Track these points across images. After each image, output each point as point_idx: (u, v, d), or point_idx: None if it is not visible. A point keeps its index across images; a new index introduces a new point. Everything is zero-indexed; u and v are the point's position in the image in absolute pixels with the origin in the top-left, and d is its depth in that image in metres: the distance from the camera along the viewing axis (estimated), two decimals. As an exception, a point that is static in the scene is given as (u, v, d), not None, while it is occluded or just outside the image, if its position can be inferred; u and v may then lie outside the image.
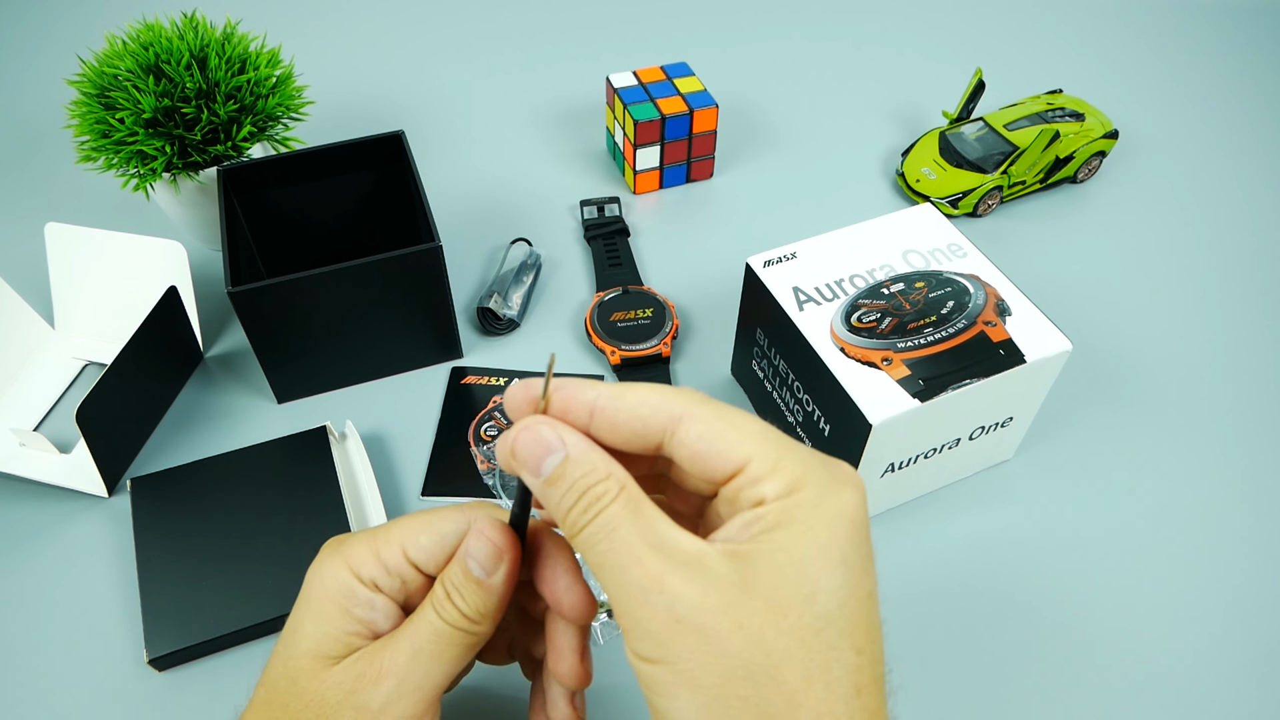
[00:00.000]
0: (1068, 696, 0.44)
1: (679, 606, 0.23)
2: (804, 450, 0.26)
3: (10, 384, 0.57)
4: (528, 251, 0.65)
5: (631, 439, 0.26)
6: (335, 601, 0.28)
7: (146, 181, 0.57)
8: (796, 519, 0.24)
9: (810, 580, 0.24)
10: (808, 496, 0.24)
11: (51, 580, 0.48)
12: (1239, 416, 0.57)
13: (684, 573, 0.24)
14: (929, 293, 0.48)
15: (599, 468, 0.25)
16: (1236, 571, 0.49)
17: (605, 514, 0.25)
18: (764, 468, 0.25)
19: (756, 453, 0.25)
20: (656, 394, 0.26)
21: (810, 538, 0.24)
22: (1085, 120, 0.72)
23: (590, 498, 0.25)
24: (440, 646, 0.27)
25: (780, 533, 0.24)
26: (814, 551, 0.24)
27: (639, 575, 0.24)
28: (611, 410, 0.26)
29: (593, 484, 0.25)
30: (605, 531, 0.25)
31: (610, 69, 0.85)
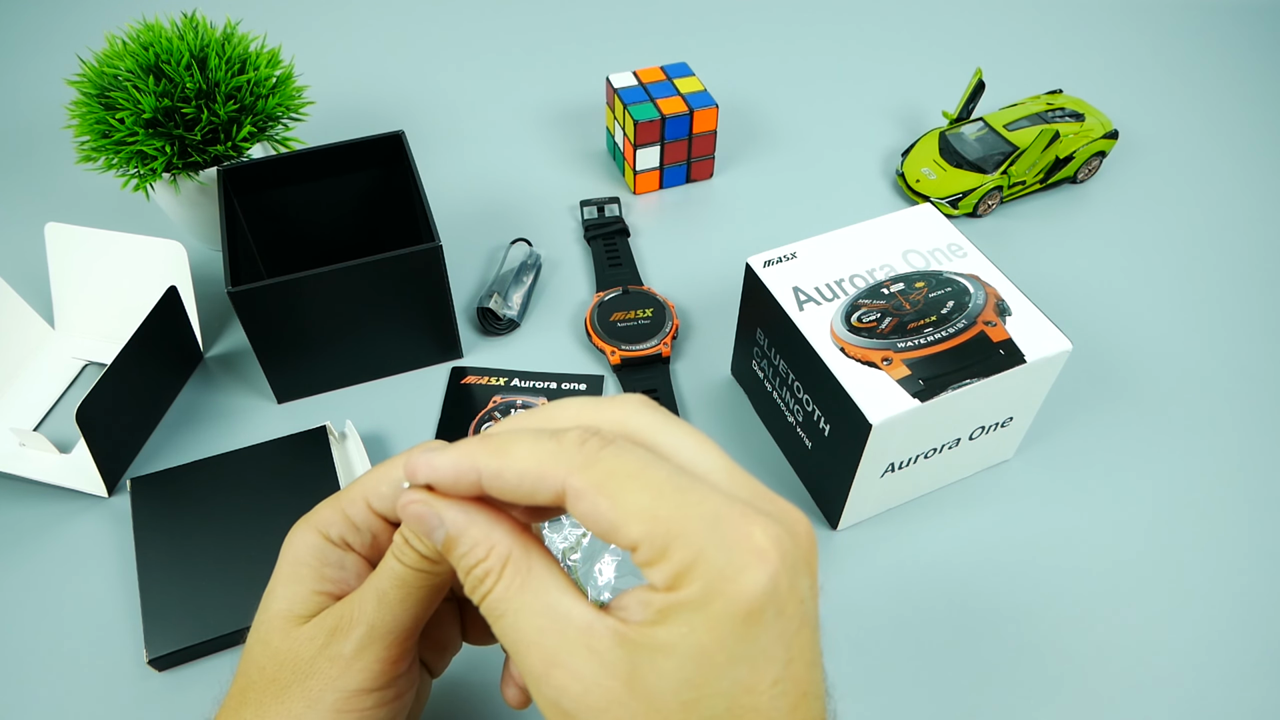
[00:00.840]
0: (1068, 696, 0.44)
1: (564, 700, 0.23)
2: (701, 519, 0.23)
3: (10, 384, 0.57)
4: (528, 251, 0.65)
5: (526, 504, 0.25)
6: (306, 564, 0.28)
7: (146, 181, 0.57)
8: (680, 619, 0.22)
9: (692, 687, 0.22)
10: (692, 594, 0.22)
11: (51, 580, 0.48)
12: (1239, 416, 0.57)
13: (569, 662, 0.23)
14: (929, 293, 0.48)
15: (479, 544, 0.25)
16: (1236, 571, 0.49)
17: (491, 597, 0.24)
18: (649, 553, 0.23)
19: (640, 535, 0.23)
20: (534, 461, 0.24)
21: (691, 640, 0.22)
22: (1085, 120, 0.72)
23: (474, 579, 0.25)
24: (404, 590, 0.27)
25: (663, 631, 0.23)
26: (695, 656, 0.22)
27: (530, 661, 0.24)
28: (498, 481, 0.24)
29: (473, 565, 0.25)
30: (495, 615, 0.24)
31: (610, 69, 0.85)
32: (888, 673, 0.45)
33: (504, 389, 0.57)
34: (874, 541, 0.50)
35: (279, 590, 0.28)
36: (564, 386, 0.57)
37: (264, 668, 0.28)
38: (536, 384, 0.57)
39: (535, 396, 0.56)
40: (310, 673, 0.27)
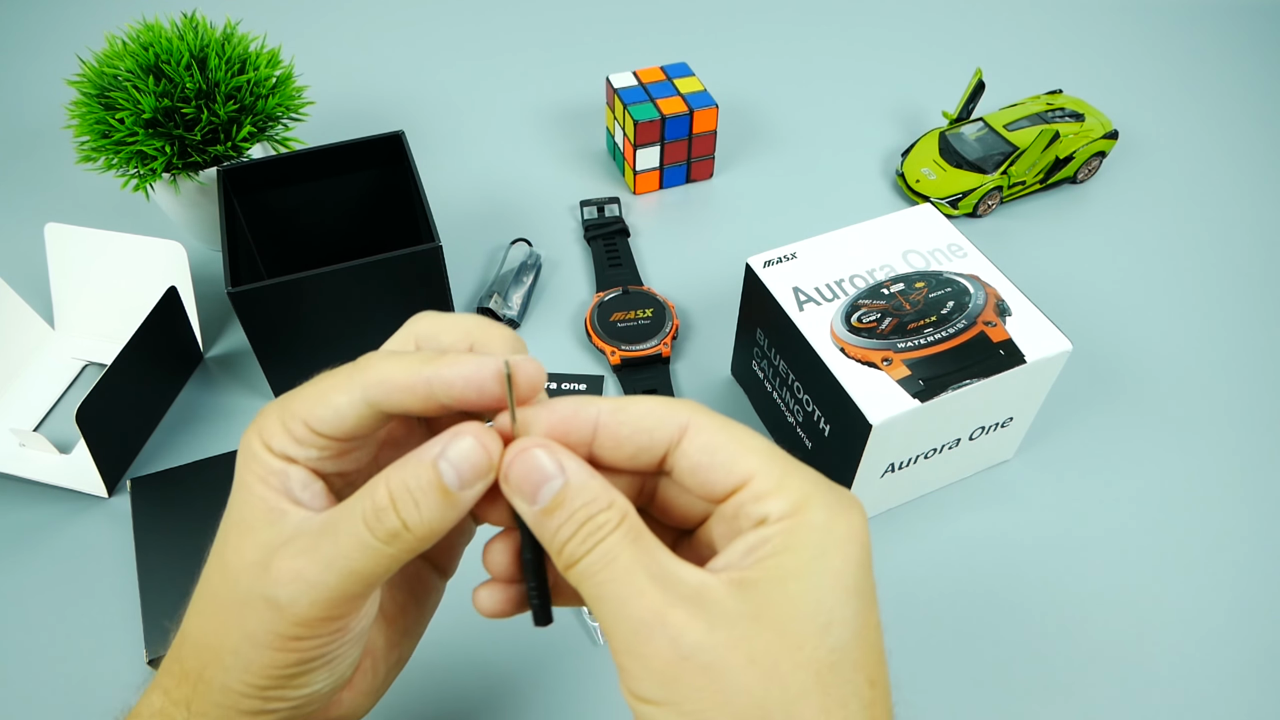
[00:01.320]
0: (1068, 696, 0.44)
1: (684, 642, 0.22)
2: (807, 469, 0.24)
3: (10, 384, 0.57)
4: (528, 251, 0.65)
5: (637, 453, 0.25)
6: (250, 471, 0.26)
7: (146, 181, 0.57)
8: (806, 543, 0.23)
9: (825, 610, 0.22)
10: (815, 518, 0.23)
11: (51, 580, 0.48)
12: (1239, 416, 0.57)
13: (688, 606, 0.22)
14: (929, 293, 0.48)
15: (600, 496, 0.24)
16: (1236, 571, 0.49)
17: (604, 544, 0.23)
18: (768, 484, 0.23)
19: (761, 468, 0.24)
20: (660, 405, 0.25)
21: (822, 564, 0.23)
22: (1085, 120, 0.72)
23: (591, 527, 0.23)
24: (361, 562, 0.24)
25: (789, 557, 0.23)
26: (827, 579, 0.23)
27: (639, 609, 0.22)
28: (615, 424, 0.25)
29: (593, 513, 0.23)
30: (604, 562, 0.23)
31: (610, 69, 0.85)
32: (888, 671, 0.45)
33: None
34: (874, 542, 0.50)
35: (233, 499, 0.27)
36: (564, 387, 0.57)
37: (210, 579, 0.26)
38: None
39: (535, 396, 0.56)
40: (246, 602, 0.25)
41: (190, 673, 0.27)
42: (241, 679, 0.25)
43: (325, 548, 0.24)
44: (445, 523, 0.24)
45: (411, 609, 0.30)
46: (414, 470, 0.24)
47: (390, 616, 0.29)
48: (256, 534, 0.25)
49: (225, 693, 0.26)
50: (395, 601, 0.30)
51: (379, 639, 0.29)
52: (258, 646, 0.25)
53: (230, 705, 0.26)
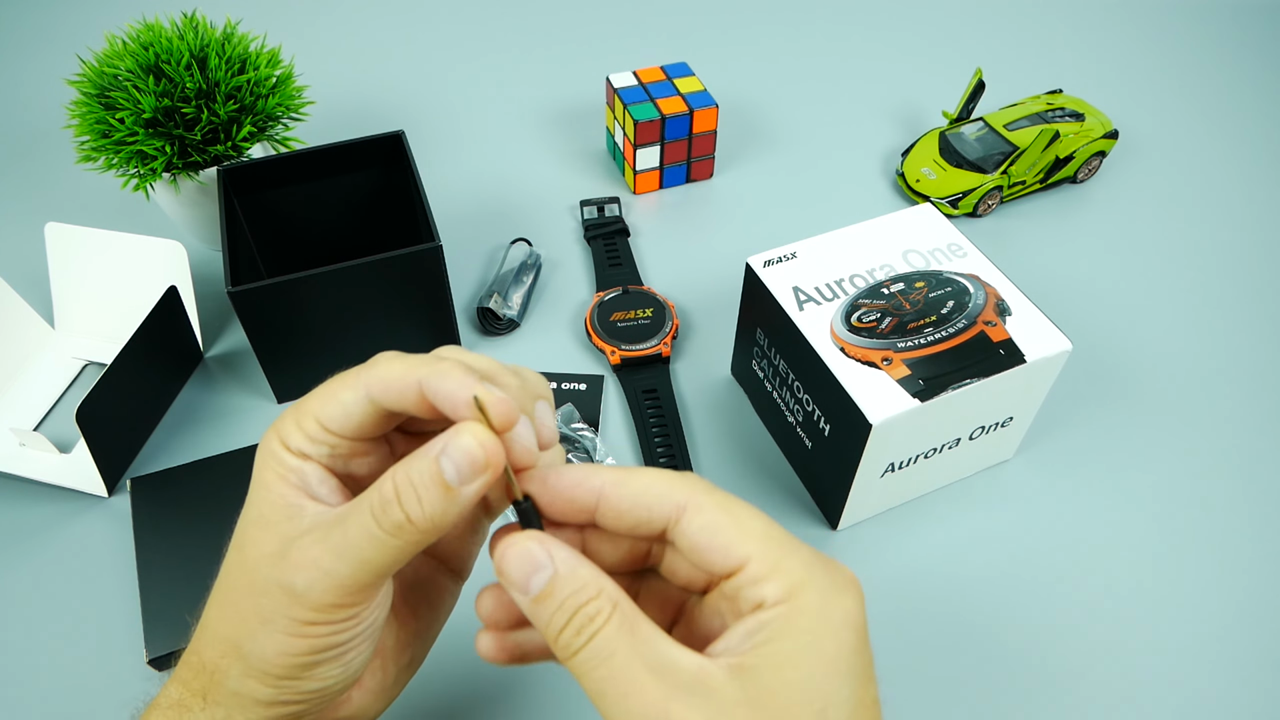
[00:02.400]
0: (1068, 696, 0.44)
1: None
2: (804, 550, 0.25)
3: (10, 384, 0.57)
4: (528, 251, 0.65)
5: (637, 525, 0.26)
6: (270, 469, 0.27)
7: (146, 181, 0.57)
8: (800, 628, 0.23)
9: (821, 695, 0.23)
10: (810, 603, 0.24)
11: (51, 580, 0.48)
12: (1239, 416, 0.57)
13: (688, 698, 0.23)
14: (929, 293, 0.48)
15: (589, 584, 0.24)
16: (1237, 570, 0.49)
17: (599, 637, 0.24)
18: (764, 568, 0.24)
19: (757, 552, 0.24)
20: (661, 481, 0.26)
21: (817, 649, 0.23)
22: (1085, 120, 0.72)
23: (582, 618, 0.24)
24: (371, 552, 0.25)
25: (785, 643, 0.23)
26: (822, 665, 0.23)
27: (641, 704, 0.23)
28: (617, 497, 0.26)
29: (583, 603, 0.24)
30: (601, 658, 0.24)
31: (610, 69, 0.85)
32: (888, 672, 0.45)
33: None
34: (874, 542, 0.50)
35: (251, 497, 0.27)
36: (564, 386, 0.57)
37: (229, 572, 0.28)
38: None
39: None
40: (264, 590, 0.26)
41: (207, 664, 0.27)
42: (258, 667, 0.26)
43: (337, 537, 0.25)
44: (447, 516, 0.25)
45: (424, 612, 0.31)
46: (417, 466, 0.25)
47: (403, 618, 0.30)
48: (275, 528, 0.26)
49: (241, 681, 0.27)
50: (408, 603, 0.30)
51: (389, 639, 0.30)
52: (274, 633, 0.26)
53: (246, 694, 0.27)
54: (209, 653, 0.27)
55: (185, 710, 0.28)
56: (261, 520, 0.27)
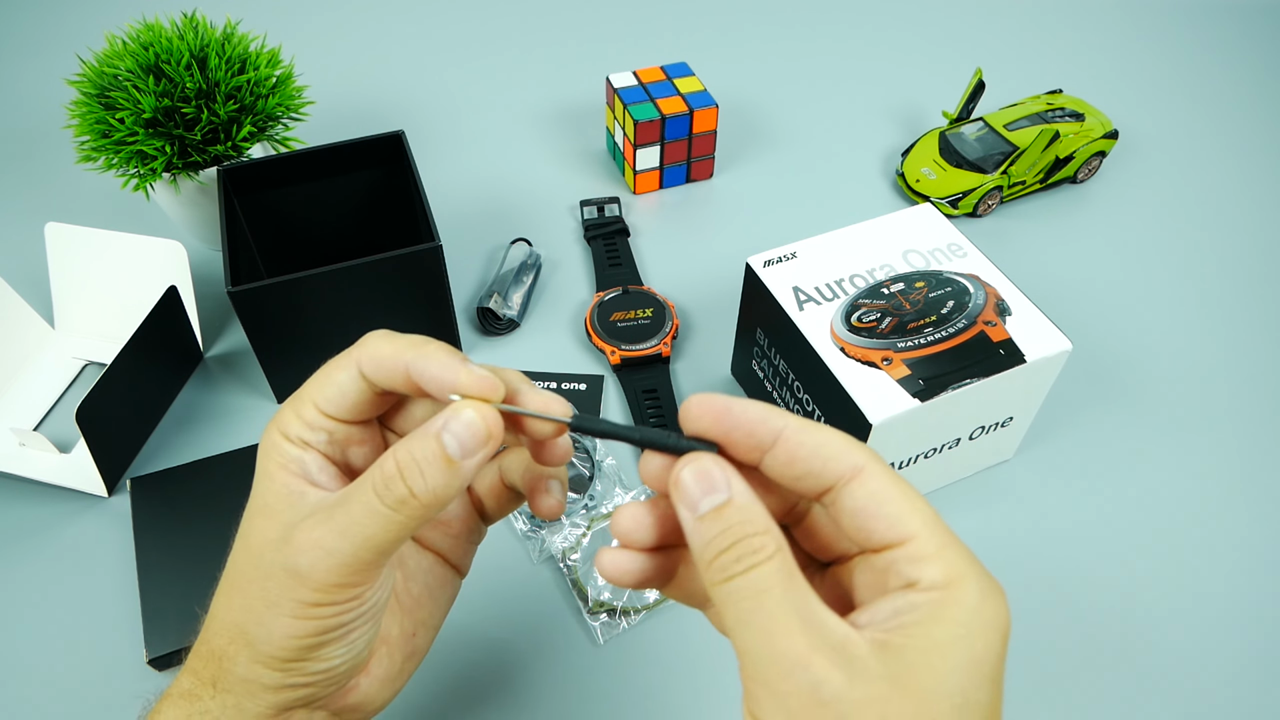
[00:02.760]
0: (1068, 695, 0.44)
1: (824, 690, 0.22)
2: (964, 546, 0.25)
3: (10, 384, 0.57)
4: (528, 251, 0.65)
5: (804, 476, 0.25)
6: (271, 459, 0.28)
7: (146, 181, 0.57)
8: (956, 619, 0.23)
9: (962, 691, 0.23)
10: (968, 597, 0.23)
11: (51, 580, 0.48)
12: (1239, 416, 0.57)
13: (832, 655, 0.22)
14: (929, 293, 0.48)
15: (759, 520, 0.24)
16: (1236, 570, 0.49)
17: (758, 571, 0.23)
18: (928, 549, 0.24)
19: (924, 531, 0.24)
20: (842, 440, 0.25)
21: (968, 644, 0.23)
22: (1085, 120, 0.72)
23: (745, 548, 0.24)
24: (374, 529, 0.26)
25: (937, 630, 0.23)
26: (970, 662, 0.23)
27: (786, 646, 0.23)
28: (795, 443, 0.25)
29: (750, 534, 0.24)
30: (755, 591, 0.23)
31: (610, 69, 0.85)
32: None
33: (504, 389, 0.57)
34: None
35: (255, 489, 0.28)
36: (564, 386, 0.57)
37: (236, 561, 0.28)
38: (536, 384, 0.57)
39: (535, 396, 0.56)
40: (269, 574, 0.27)
41: (215, 652, 0.28)
42: (264, 652, 0.27)
43: (340, 517, 0.26)
44: (449, 490, 0.26)
45: (427, 602, 0.32)
46: (420, 443, 0.25)
47: (406, 608, 0.31)
48: (279, 515, 0.27)
49: (249, 668, 0.27)
50: (411, 594, 0.31)
51: (394, 628, 0.31)
52: (279, 616, 0.26)
53: (253, 680, 0.27)
54: (217, 641, 0.28)
55: (195, 699, 0.28)
56: (266, 509, 0.27)
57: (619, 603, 0.46)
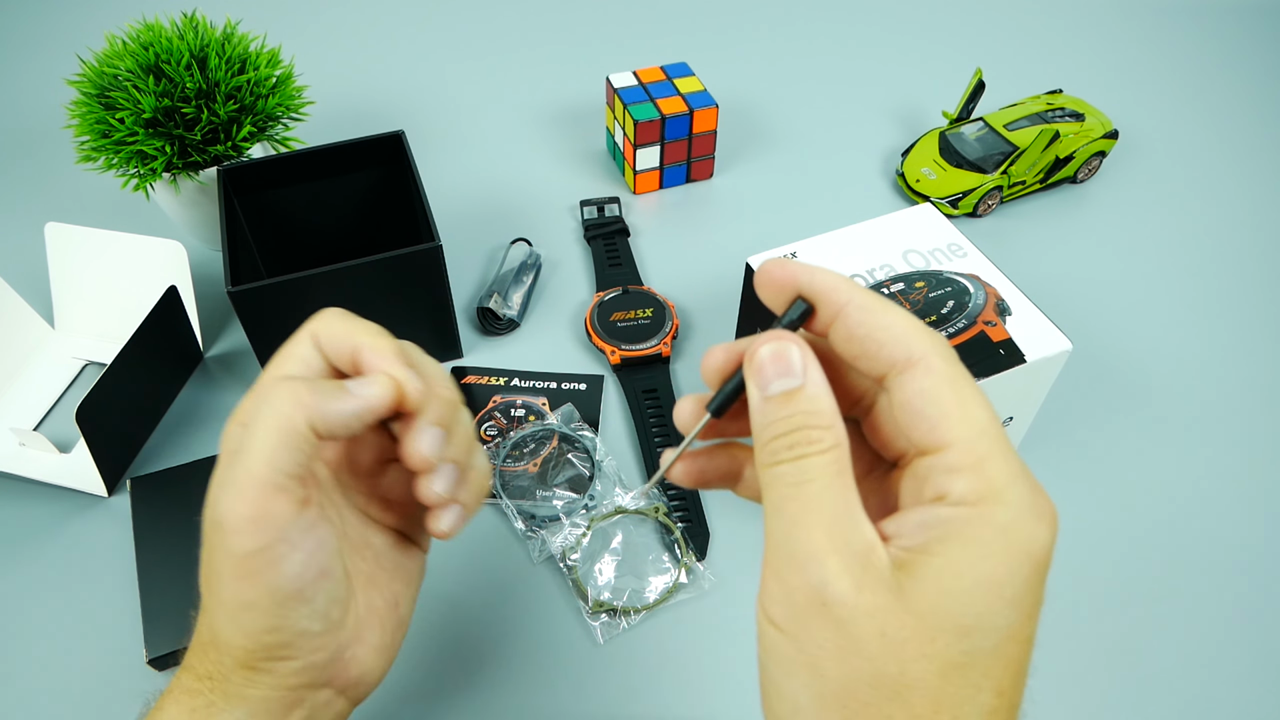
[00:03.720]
0: (1068, 695, 0.44)
1: (829, 591, 0.22)
2: (1015, 461, 0.23)
3: (10, 384, 0.57)
4: (528, 251, 0.65)
5: (861, 357, 0.24)
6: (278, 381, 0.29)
7: (146, 181, 0.57)
8: (976, 539, 0.22)
9: (972, 613, 0.22)
10: (997, 517, 0.22)
11: (51, 580, 0.48)
12: (1239, 415, 0.57)
13: (849, 560, 0.22)
14: (929, 292, 0.48)
15: (824, 412, 0.23)
16: (1237, 570, 0.49)
17: (808, 461, 0.23)
18: (965, 458, 0.22)
19: (964, 439, 0.22)
20: (909, 325, 0.24)
21: (985, 567, 0.22)
22: (1085, 120, 0.72)
23: (802, 437, 0.23)
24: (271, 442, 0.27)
25: (954, 549, 0.22)
26: (985, 584, 0.22)
27: (806, 540, 0.22)
28: (856, 320, 0.24)
29: (812, 425, 0.23)
30: (798, 479, 0.23)
31: (610, 69, 0.85)
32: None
33: (504, 389, 0.57)
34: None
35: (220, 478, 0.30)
36: (564, 386, 0.57)
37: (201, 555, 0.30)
38: (536, 384, 0.57)
39: (536, 396, 0.56)
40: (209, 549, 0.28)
41: (205, 643, 0.29)
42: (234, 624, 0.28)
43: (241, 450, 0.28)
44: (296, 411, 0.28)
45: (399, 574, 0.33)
46: None
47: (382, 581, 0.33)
48: None
49: (230, 649, 0.28)
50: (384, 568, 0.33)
51: (377, 599, 0.32)
52: (226, 579, 0.27)
53: (239, 662, 0.28)
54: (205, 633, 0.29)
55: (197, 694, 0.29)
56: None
57: (619, 603, 0.46)
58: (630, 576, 0.48)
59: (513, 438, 0.53)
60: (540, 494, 0.51)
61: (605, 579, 0.48)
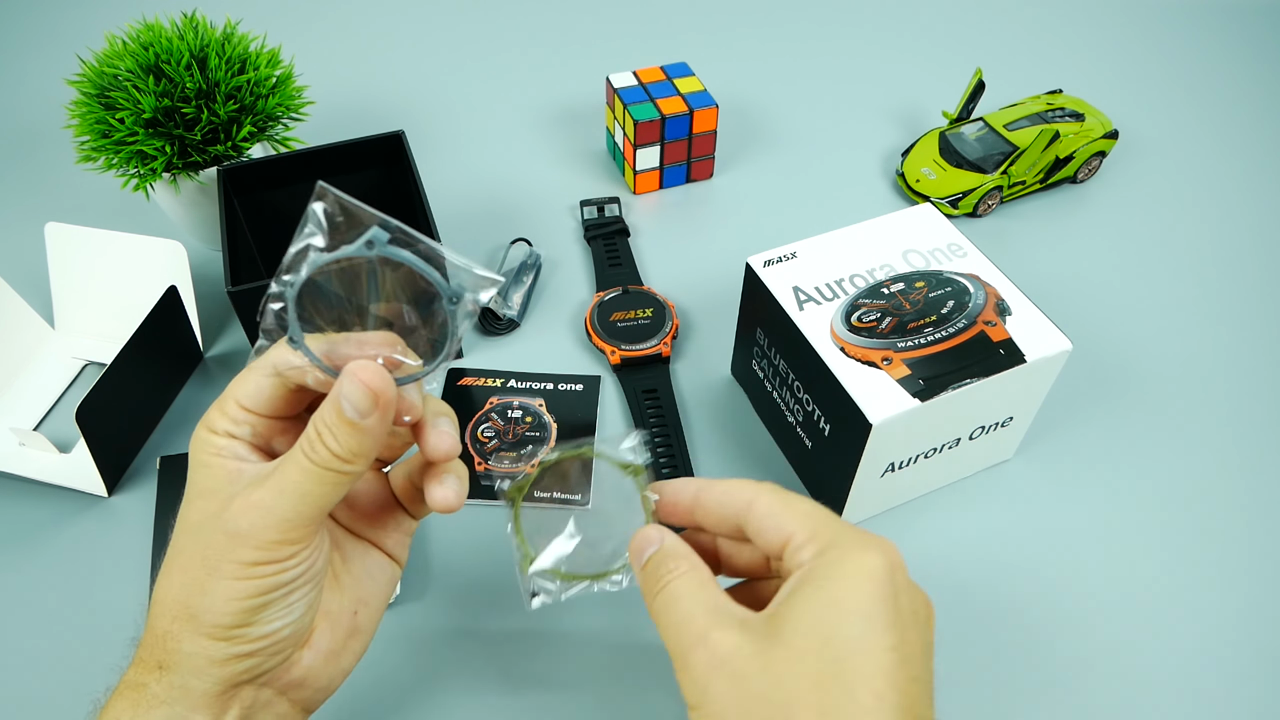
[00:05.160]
0: (1067, 696, 0.44)
1: (717, 654, 0.28)
2: (842, 524, 0.30)
3: (10, 384, 0.57)
4: (528, 251, 0.65)
5: (721, 521, 0.33)
6: (203, 452, 0.30)
7: (146, 181, 0.57)
8: (820, 576, 0.28)
9: (826, 627, 0.27)
10: (832, 558, 0.29)
11: (51, 580, 0.48)
12: (1239, 416, 0.57)
13: (727, 627, 0.28)
14: (929, 292, 0.48)
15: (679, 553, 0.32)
16: (1237, 570, 0.49)
17: (671, 585, 0.30)
18: (803, 536, 0.30)
19: (800, 526, 0.30)
20: (739, 483, 0.33)
21: (828, 592, 0.28)
22: (1085, 120, 0.72)
23: (664, 570, 0.31)
24: (308, 485, 0.28)
25: (806, 588, 0.28)
26: (831, 604, 0.28)
27: (690, 630, 0.29)
28: (705, 497, 0.33)
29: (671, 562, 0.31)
30: (671, 599, 0.30)
31: (610, 69, 0.85)
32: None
33: (501, 390, 0.57)
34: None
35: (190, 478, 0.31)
36: (561, 387, 0.57)
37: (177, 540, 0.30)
38: (533, 384, 0.57)
39: (532, 397, 0.56)
40: (209, 543, 0.29)
41: (159, 634, 0.29)
42: (208, 621, 0.28)
43: (276, 477, 0.29)
44: (364, 446, 0.29)
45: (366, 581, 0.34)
46: (329, 409, 0.29)
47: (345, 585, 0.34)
48: (218, 494, 0.30)
49: (193, 641, 0.29)
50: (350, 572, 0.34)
51: (332, 603, 0.33)
52: (221, 579, 0.28)
53: (199, 654, 0.29)
54: (160, 623, 0.29)
55: (142, 688, 0.29)
56: (205, 492, 0.30)
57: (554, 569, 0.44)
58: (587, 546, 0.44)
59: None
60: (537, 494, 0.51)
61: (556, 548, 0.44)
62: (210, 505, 0.29)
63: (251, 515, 0.28)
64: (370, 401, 0.28)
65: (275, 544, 0.28)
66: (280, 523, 0.28)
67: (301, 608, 0.30)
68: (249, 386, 0.31)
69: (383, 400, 0.29)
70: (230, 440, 0.30)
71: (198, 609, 0.29)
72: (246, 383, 0.31)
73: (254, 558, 0.28)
